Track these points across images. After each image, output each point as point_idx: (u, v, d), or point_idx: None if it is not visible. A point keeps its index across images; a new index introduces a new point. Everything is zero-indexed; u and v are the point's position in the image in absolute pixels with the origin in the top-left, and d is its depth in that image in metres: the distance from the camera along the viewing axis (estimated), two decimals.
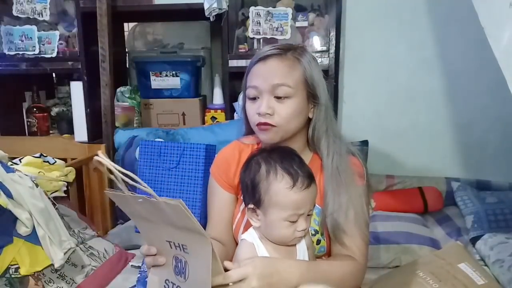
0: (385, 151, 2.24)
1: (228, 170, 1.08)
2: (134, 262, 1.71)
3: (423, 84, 2.19)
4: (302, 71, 0.98)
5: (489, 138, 2.18)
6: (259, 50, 1.06)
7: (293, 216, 0.88)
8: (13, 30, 2.15)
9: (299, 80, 0.98)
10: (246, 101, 1.03)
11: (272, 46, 1.02)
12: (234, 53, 2.07)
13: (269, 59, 0.98)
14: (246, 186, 0.93)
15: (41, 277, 1.36)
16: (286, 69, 0.97)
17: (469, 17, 1.14)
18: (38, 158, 1.61)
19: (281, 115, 0.96)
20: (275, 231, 0.90)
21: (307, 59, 1.00)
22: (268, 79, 0.97)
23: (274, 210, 0.88)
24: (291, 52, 1.00)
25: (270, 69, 0.97)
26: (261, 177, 0.89)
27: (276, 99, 0.97)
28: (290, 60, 0.98)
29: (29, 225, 1.29)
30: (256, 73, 0.99)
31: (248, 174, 0.93)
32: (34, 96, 2.31)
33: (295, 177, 0.88)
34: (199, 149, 1.88)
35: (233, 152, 1.10)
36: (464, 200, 1.91)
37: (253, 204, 0.91)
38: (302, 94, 0.99)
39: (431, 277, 1.37)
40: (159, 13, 2.28)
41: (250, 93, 1.00)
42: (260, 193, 0.89)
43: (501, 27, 0.81)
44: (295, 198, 0.87)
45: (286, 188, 0.87)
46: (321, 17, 2.09)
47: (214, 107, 2.30)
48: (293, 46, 1.03)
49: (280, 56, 0.98)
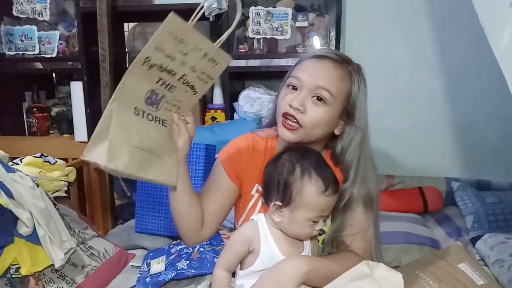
0: (385, 151, 2.24)
1: (239, 161, 1.06)
2: (134, 262, 1.71)
3: (423, 84, 2.19)
4: (349, 86, 0.98)
5: (489, 138, 2.18)
6: (311, 48, 1.05)
7: (317, 217, 0.92)
8: (13, 30, 2.15)
9: (342, 93, 0.97)
10: (283, 89, 1.01)
11: (334, 51, 1.02)
12: (234, 53, 2.07)
13: (326, 60, 0.97)
14: (276, 183, 0.94)
15: (41, 277, 1.36)
16: (336, 77, 0.96)
17: (469, 17, 1.14)
18: (39, 158, 1.61)
19: (310, 117, 0.95)
20: (297, 228, 0.94)
21: (358, 79, 0.99)
22: (314, 78, 0.95)
23: (303, 210, 0.92)
24: (347, 65, 0.99)
25: (322, 69, 0.96)
26: (296, 178, 0.92)
27: (312, 100, 0.95)
28: (344, 71, 0.98)
29: (29, 225, 1.29)
30: (306, 67, 0.98)
31: (280, 172, 0.94)
32: (34, 96, 2.31)
33: (327, 183, 0.91)
34: (199, 149, 1.88)
35: (247, 143, 1.07)
36: (464, 200, 1.91)
37: (281, 202, 0.93)
38: (339, 107, 0.97)
39: (431, 277, 1.37)
40: (159, 13, 2.25)
41: (292, 81, 0.98)
42: (292, 193, 0.91)
43: (501, 27, 0.81)
44: (324, 202, 0.92)
45: (319, 192, 0.90)
46: (321, 17, 2.09)
47: (214, 107, 2.30)
48: (351, 60, 1.02)
49: (337, 62, 0.98)
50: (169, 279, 1.46)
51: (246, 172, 1.06)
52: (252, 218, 0.99)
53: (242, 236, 0.97)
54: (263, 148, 1.07)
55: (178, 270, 1.48)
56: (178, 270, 1.48)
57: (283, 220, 0.94)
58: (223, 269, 0.97)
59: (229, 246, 0.99)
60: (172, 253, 1.59)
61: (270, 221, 0.97)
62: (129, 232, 1.89)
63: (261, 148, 1.07)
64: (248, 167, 1.05)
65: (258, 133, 1.10)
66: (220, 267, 0.97)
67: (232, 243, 0.98)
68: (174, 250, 1.61)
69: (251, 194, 1.06)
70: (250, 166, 1.05)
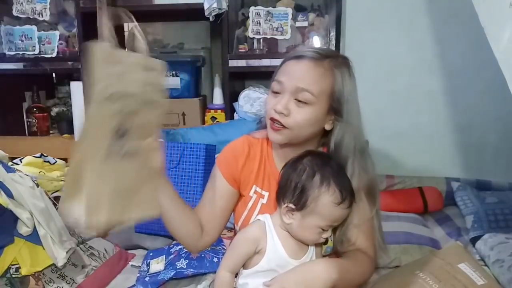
0: (385, 151, 2.24)
1: (235, 164, 1.07)
2: (134, 262, 1.71)
3: (423, 84, 2.19)
4: (331, 83, 0.96)
5: (489, 138, 2.18)
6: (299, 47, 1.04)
7: (328, 226, 0.93)
8: (13, 30, 2.15)
9: (325, 91, 0.95)
10: (269, 93, 1.02)
11: (314, 48, 1.00)
12: (234, 53, 2.07)
13: (303, 60, 0.96)
14: (294, 186, 0.94)
15: (41, 277, 1.36)
16: (316, 76, 0.94)
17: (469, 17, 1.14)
18: (39, 158, 1.61)
19: (295, 119, 0.95)
20: (305, 234, 0.94)
21: (342, 73, 0.97)
22: (294, 80, 0.95)
23: (315, 217, 0.92)
24: (329, 60, 0.96)
25: (300, 70, 0.95)
26: (314, 185, 0.92)
27: (295, 102, 0.95)
28: (324, 68, 0.95)
29: (30, 225, 1.29)
30: (286, 70, 0.98)
31: (299, 176, 0.94)
32: (34, 96, 2.31)
33: (344, 195, 0.91)
34: (199, 149, 1.88)
35: (243, 146, 1.08)
36: (464, 200, 1.91)
37: (294, 205, 0.93)
38: (323, 106, 0.96)
39: (431, 277, 1.37)
40: (159, 13, 2.28)
41: (274, 87, 0.99)
42: (308, 198, 0.92)
43: (501, 27, 0.81)
44: (338, 213, 0.92)
45: (335, 203, 0.91)
46: (321, 17, 2.10)
47: (214, 107, 2.30)
48: (335, 54, 1.00)
49: (316, 61, 0.95)
50: (168, 278, 1.46)
51: (243, 175, 1.06)
52: (259, 218, 0.99)
53: (249, 236, 0.96)
54: (259, 150, 1.08)
55: (177, 269, 1.48)
56: (177, 269, 1.48)
57: (293, 222, 0.94)
58: (227, 270, 0.96)
59: (235, 247, 0.98)
60: (172, 252, 1.59)
61: (277, 222, 0.97)
62: (129, 232, 1.88)
63: (256, 150, 1.08)
64: (244, 169, 1.06)
65: (254, 134, 1.11)
66: (225, 268, 0.97)
67: (238, 244, 0.97)
68: (174, 250, 1.61)
69: (249, 195, 1.07)
70: (247, 169, 1.06)
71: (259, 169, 1.06)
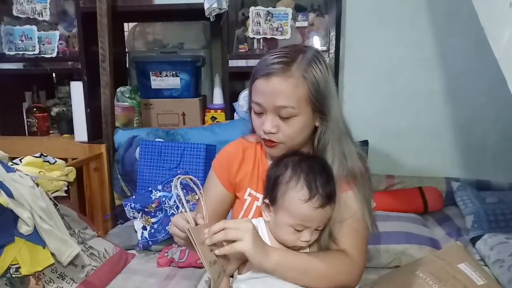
0: (385, 151, 2.24)
1: (230, 168, 1.09)
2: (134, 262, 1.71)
3: (423, 84, 2.19)
4: (307, 89, 0.94)
5: (489, 138, 2.18)
6: (264, 56, 0.98)
7: (299, 226, 0.91)
8: (13, 30, 2.15)
9: (303, 99, 0.94)
10: (252, 111, 1.02)
11: (276, 56, 0.95)
12: (234, 53, 2.07)
13: (272, 78, 0.93)
14: (269, 181, 0.96)
15: (41, 277, 1.36)
16: (289, 89, 0.93)
17: (469, 17, 1.14)
18: (39, 158, 1.61)
19: (285, 133, 0.96)
20: (279, 232, 0.94)
21: (313, 73, 0.94)
22: (271, 100, 0.94)
23: (284, 214, 0.91)
24: (296, 66, 0.93)
25: (273, 89, 0.93)
26: (283, 180, 0.92)
27: (280, 118, 0.95)
28: (294, 77, 0.93)
29: (30, 224, 1.29)
30: (259, 90, 0.96)
31: (274, 171, 0.95)
32: (34, 96, 2.31)
33: (312, 193, 0.89)
34: (200, 149, 1.88)
35: (237, 150, 1.10)
36: (464, 200, 1.91)
37: (269, 201, 0.94)
38: (307, 111, 0.96)
39: (431, 278, 1.37)
40: (159, 13, 2.28)
41: (255, 108, 0.99)
42: (277, 193, 0.92)
43: (501, 27, 0.81)
44: (306, 212, 0.89)
45: (300, 200, 0.89)
46: (321, 17, 2.09)
47: (214, 107, 2.30)
48: (298, 51, 0.96)
49: (284, 73, 0.93)
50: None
51: (238, 178, 1.08)
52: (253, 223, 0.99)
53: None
54: (252, 153, 1.09)
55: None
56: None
57: (270, 220, 0.95)
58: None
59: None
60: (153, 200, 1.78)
61: (269, 226, 0.97)
62: (129, 232, 1.89)
63: (250, 153, 1.09)
64: (239, 172, 1.08)
65: (248, 138, 1.13)
66: None
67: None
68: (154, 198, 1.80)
69: (244, 198, 1.08)
70: (241, 172, 1.08)
71: (253, 172, 1.08)
